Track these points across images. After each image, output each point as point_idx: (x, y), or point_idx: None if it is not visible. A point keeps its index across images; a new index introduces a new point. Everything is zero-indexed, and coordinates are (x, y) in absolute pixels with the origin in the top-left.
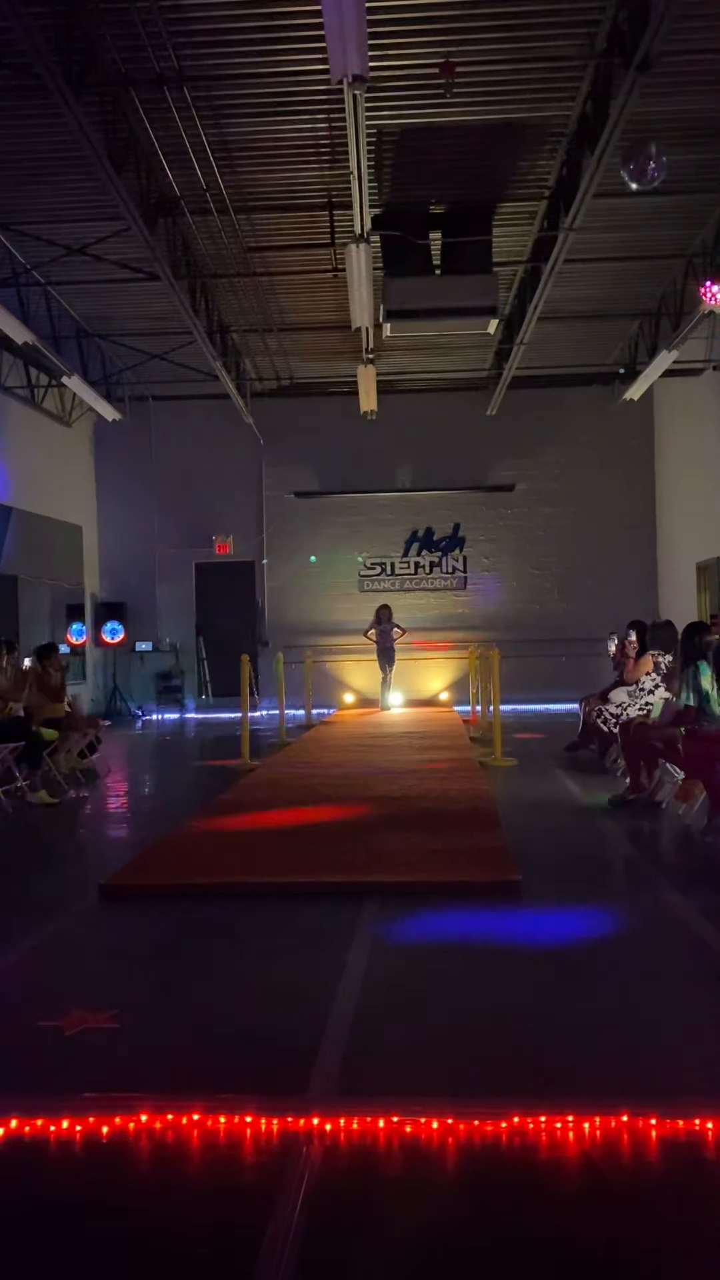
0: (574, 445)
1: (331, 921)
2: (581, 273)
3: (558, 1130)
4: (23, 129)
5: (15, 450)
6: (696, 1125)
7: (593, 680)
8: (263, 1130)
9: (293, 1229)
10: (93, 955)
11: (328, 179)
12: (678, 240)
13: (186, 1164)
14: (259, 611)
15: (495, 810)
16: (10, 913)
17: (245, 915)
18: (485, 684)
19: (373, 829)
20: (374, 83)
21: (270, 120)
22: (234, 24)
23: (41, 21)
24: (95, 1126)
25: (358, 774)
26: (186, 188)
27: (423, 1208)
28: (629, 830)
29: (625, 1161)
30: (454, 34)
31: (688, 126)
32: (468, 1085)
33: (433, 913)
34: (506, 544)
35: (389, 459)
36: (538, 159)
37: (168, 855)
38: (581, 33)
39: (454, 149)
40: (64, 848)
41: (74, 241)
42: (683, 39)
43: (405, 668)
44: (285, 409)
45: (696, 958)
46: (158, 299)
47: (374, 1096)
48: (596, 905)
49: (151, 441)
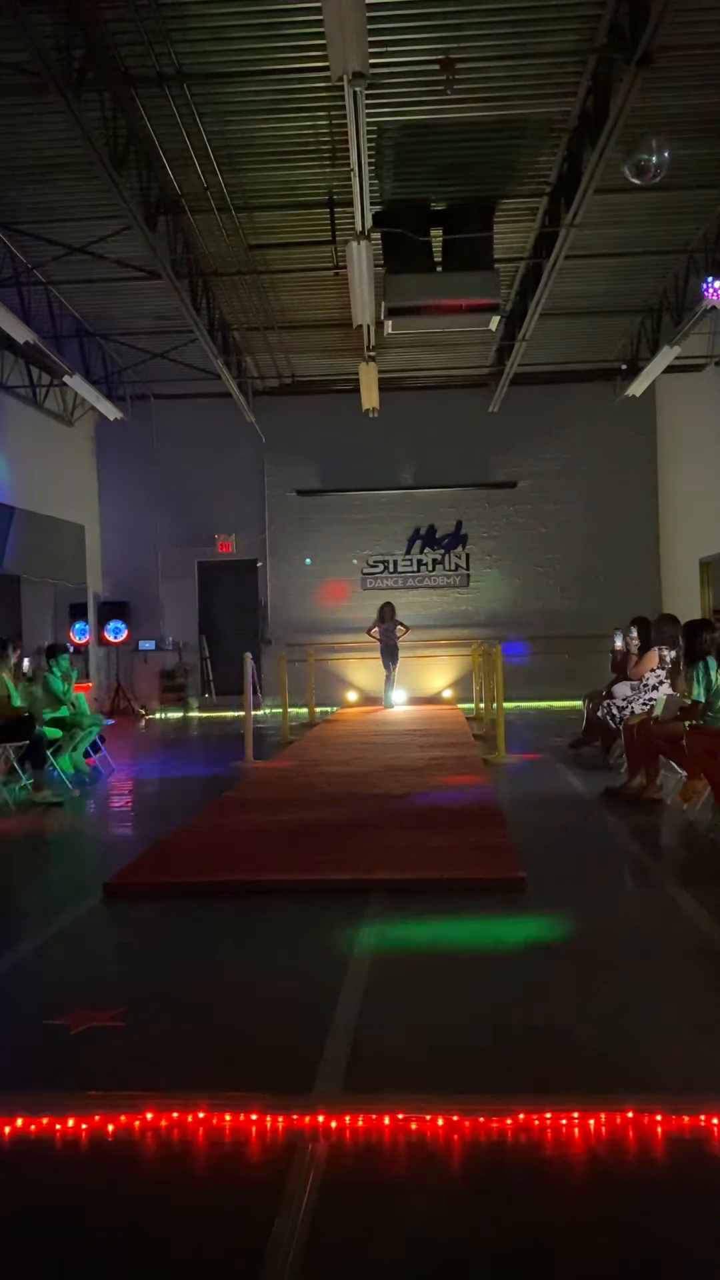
0: (576, 442)
1: (336, 919)
2: (583, 268)
3: (563, 1127)
4: (24, 128)
5: (17, 450)
6: (702, 1121)
7: (596, 677)
8: (268, 1128)
9: (299, 1226)
10: (98, 954)
11: (328, 176)
12: (679, 236)
13: (192, 1162)
14: (262, 610)
15: (499, 808)
16: (16, 911)
17: (249, 913)
18: (488, 681)
19: (377, 826)
20: (374, 79)
21: (271, 118)
22: (234, 22)
23: (42, 20)
24: (101, 1125)
25: (361, 772)
26: (187, 186)
27: (428, 1205)
28: (633, 827)
29: (631, 1158)
30: (454, 30)
31: (689, 121)
32: (472, 1082)
33: (437, 910)
34: (509, 541)
35: (391, 456)
36: (538, 155)
37: (172, 853)
38: (582, 28)
39: (455, 145)
40: (68, 846)
41: (75, 240)
42: (683, 34)
43: (408, 665)
44: (287, 407)
45: (701, 955)
46: (159, 297)
47: (379, 1094)
48: (601, 902)
49: (153, 440)
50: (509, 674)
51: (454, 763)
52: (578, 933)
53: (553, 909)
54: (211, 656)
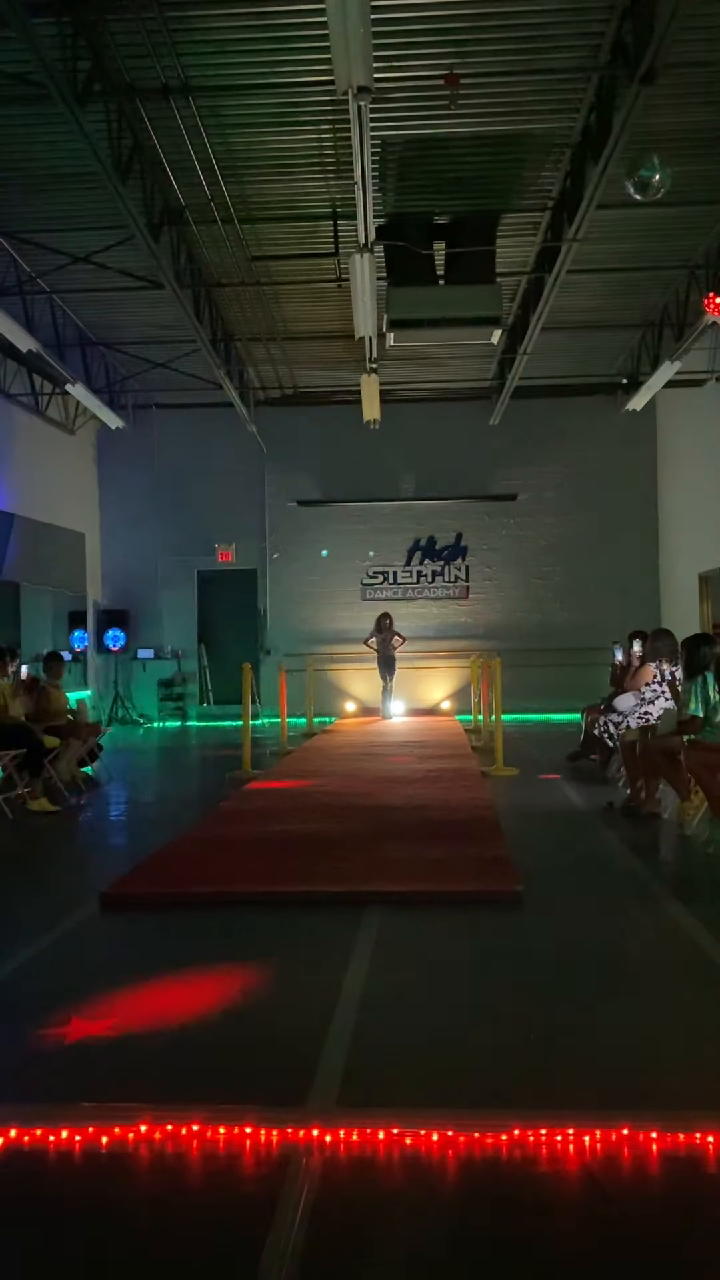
0: (577, 455)
1: (332, 930)
2: (585, 283)
3: (558, 1143)
4: (29, 139)
5: (19, 458)
6: (697, 1139)
7: (595, 690)
8: (262, 1141)
9: (292, 1240)
10: (94, 964)
11: (332, 189)
12: (681, 251)
13: (186, 1175)
14: (261, 619)
15: (497, 820)
16: (11, 921)
17: (246, 924)
18: (487, 693)
19: (374, 838)
20: (379, 94)
21: (275, 130)
22: (239, 35)
23: (47, 31)
24: (95, 1136)
25: (359, 783)
26: (191, 197)
27: (423, 1220)
28: (630, 841)
29: (626, 1175)
30: (458, 45)
31: (691, 138)
32: (468, 1097)
33: (434, 922)
34: (509, 553)
35: (392, 468)
36: (541, 170)
37: (169, 864)
38: (585, 45)
39: (458, 160)
40: (65, 856)
41: (79, 250)
42: (686, 51)
43: (406, 677)
44: (288, 418)
45: (698, 970)
46: (162, 308)
47: (374, 1108)
48: (597, 917)
49: (154, 449)
50: (508, 686)
51: (452, 775)
52: (574, 947)
53: (549, 923)
54: (210, 665)
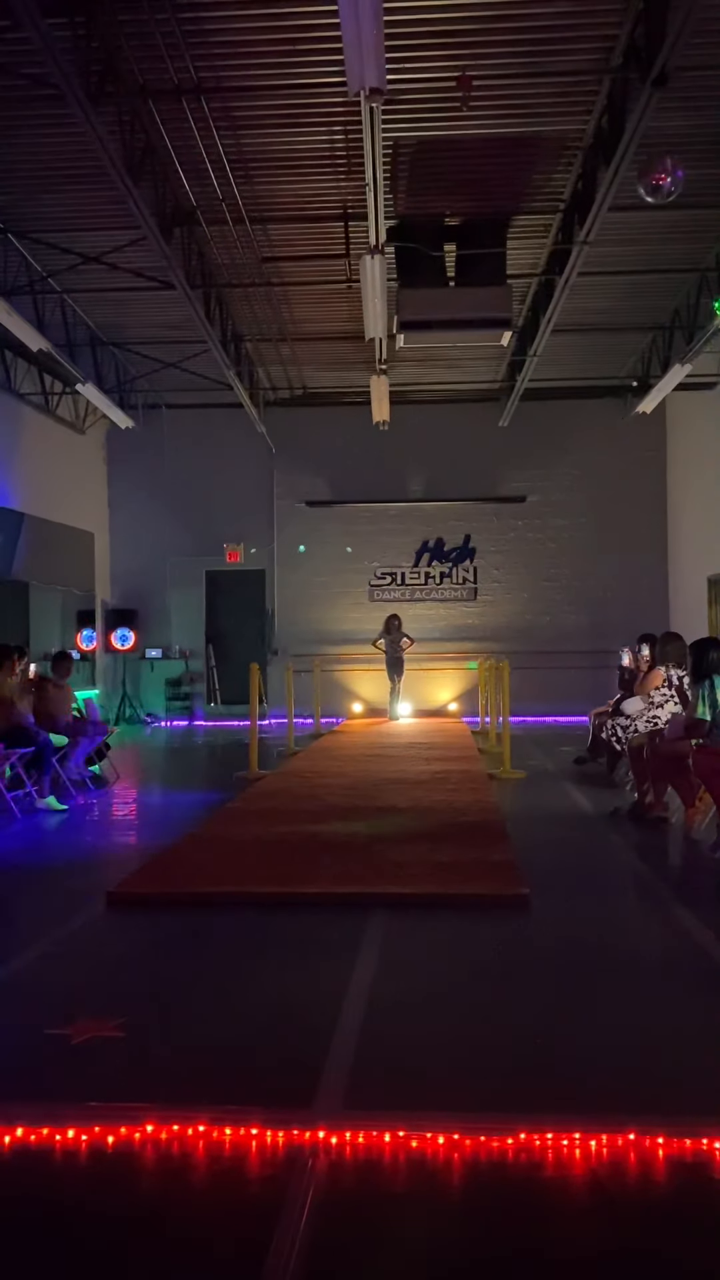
0: (586, 458)
1: (338, 932)
2: (595, 285)
3: (564, 1147)
4: (41, 138)
5: (29, 457)
6: (704, 1145)
7: (603, 693)
8: (268, 1143)
9: (298, 1243)
10: (100, 963)
11: (343, 190)
12: (692, 254)
13: (191, 1176)
14: (269, 619)
15: (503, 823)
16: (18, 920)
17: (252, 925)
18: (495, 695)
19: (380, 840)
20: (391, 95)
21: (287, 131)
22: (252, 35)
23: (61, 32)
24: (101, 1136)
25: (366, 784)
26: (202, 198)
27: (428, 1223)
28: (637, 845)
29: (631, 1180)
30: (471, 47)
31: (704, 140)
32: (474, 1100)
33: (440, 925)
34: (517, 555)
35: (401, 469)
36: (553, 172)
37: (175, 863)
38: (598, 47)
39: (470, 161)
40: (72, 854)
41: (90, 250)
42: (699, 54)
43: (414, 678)
44: (298, 418)
45: (705, 975)
46: (172, 308)
47: (379, 1110)
48: (604, 921)
49: (164, 449)
50: (515, 688)
51: (459, 777)
52: (581, 951)
53: (556, 926)
54: (218, 665)
